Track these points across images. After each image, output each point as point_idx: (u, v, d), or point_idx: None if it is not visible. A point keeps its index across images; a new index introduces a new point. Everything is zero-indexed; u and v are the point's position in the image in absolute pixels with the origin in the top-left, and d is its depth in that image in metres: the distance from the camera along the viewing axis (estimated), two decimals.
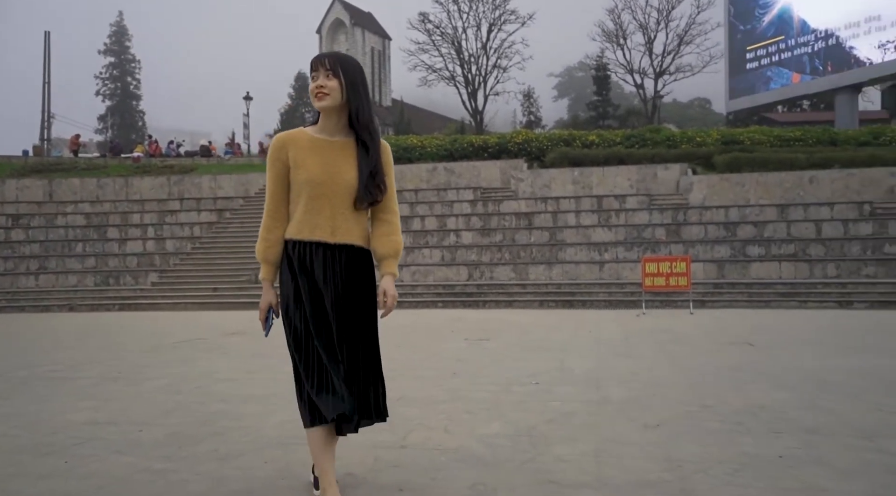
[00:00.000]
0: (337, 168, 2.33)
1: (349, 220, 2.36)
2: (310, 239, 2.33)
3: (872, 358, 6.26)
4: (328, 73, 2.30)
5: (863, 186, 17.86)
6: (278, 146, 2.37)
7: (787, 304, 13.44)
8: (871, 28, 25.80)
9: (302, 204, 2.34)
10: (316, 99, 2.32)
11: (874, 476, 2.78)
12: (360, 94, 2.36)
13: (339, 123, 2.38)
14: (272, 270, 2.42)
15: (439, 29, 44.50)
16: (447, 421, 3.86)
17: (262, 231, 2.41)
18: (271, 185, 2.39)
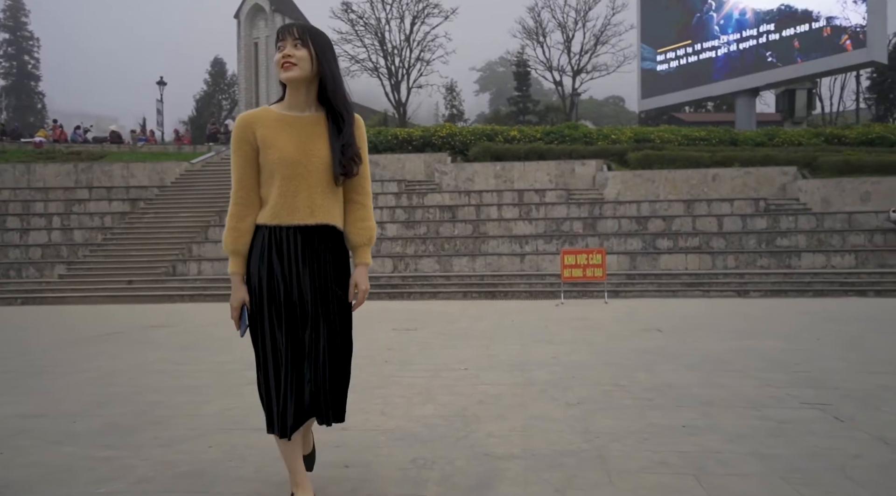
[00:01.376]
0: (311, 145, 2.17)
1: (328, 199, 2.21)
2: (289, 223, 2.16)
3: (762, 340, 6.93)
4: (296, 42, 2.14)
5: (759, 184, 19.30)
6: (243, 126, 2.18)
7: (692, 294, 14.40)
8: (768, 37, 27.71)
9: (276, 186, 2.15)
10: (283, 69, 2.14)
11: (758, 438, 3.20)
12: (332, 65, 2.20)
13: (308, 97, 2.21)
14: (244, 263, 2.20)
15: (362, 19, 44.18)
16: (383, 405, 4.06)
17: (230, 220, 2.20)
18: (238, 169, 2.19)
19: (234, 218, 2.20)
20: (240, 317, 2.20)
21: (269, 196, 2.19)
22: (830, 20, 25.57)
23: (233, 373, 5.28)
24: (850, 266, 15.62)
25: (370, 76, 44.75)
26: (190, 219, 19.23)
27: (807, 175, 19.72)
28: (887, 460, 2.85)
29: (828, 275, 15.03)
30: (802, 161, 20.30)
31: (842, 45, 25.17)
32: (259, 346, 2.22)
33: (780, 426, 3.43)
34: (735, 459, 2.88)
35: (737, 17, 28.94)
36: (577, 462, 2.88)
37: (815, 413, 3.71)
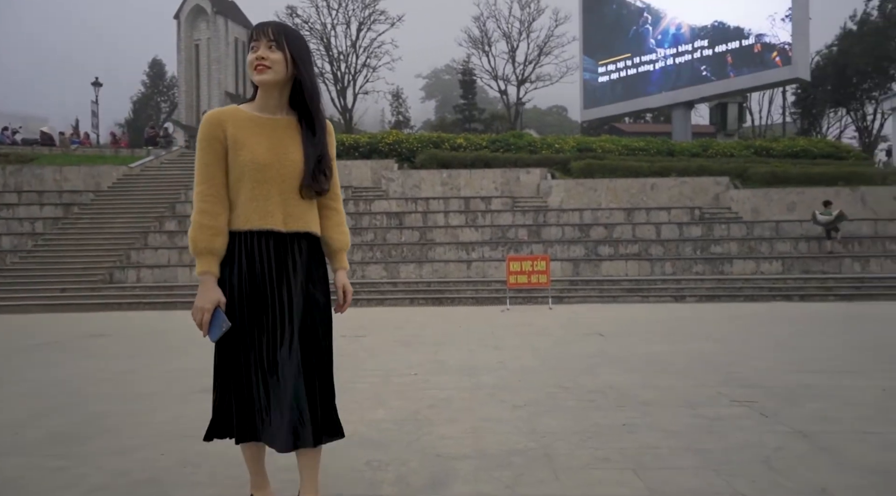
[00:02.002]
0: (283, 148, 2.09)
1: (301, 206, 2.12)
2: (260, 227, 2.05)
3: (698, 343, 7.29)
4: (271, 44, 2.06)
5: (694, 193, 20.12)
6: (213, 123, 2.07)
7: (632, 299, 14.90)
8: (703, 52, 28.95)
9: (246, 190, 2.05)
10: (255, 72, 2.07)
11: (692, 434, 3.43)
12: (308, 69, 2.12)
13: (280, 100, 2.14)
14: (217, 263, 2.06)
15: (308, 24, 43.81)
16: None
17: (200, 218, 2.04)
18: (208, 167, 2.06)
19: (205, 215, 2.04)
20: (211, 321, 2.03)
21: (237, 200, 2.08)
22: (760, 37, 26.92)
23: (181, 381, 5.22)
24: (778, 272, 16.48)
25: None
26: (128, 224, 18.66)
27: (738, 185, 20.69)
28: (805, 451, 3.11)
29: (757, 280, 15.81)
30: (734, 172, 21.28)
31: (772, 60, 26.52)
32: (223, 355, 2.11)
33: (712, 423, 3.68)
34: (671, 454, 3.09)
35: (673, 33, 30.12)
36: (524, 460, 3.03)
37: (743, 410, 3.98)
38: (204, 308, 2.02)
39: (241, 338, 2.07)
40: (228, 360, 2.09)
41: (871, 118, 39.96)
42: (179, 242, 17.70)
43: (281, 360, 2.04)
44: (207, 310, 2.02)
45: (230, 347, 2.08)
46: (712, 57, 28.51)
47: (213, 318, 2.03)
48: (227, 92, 53.95)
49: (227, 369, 2.09)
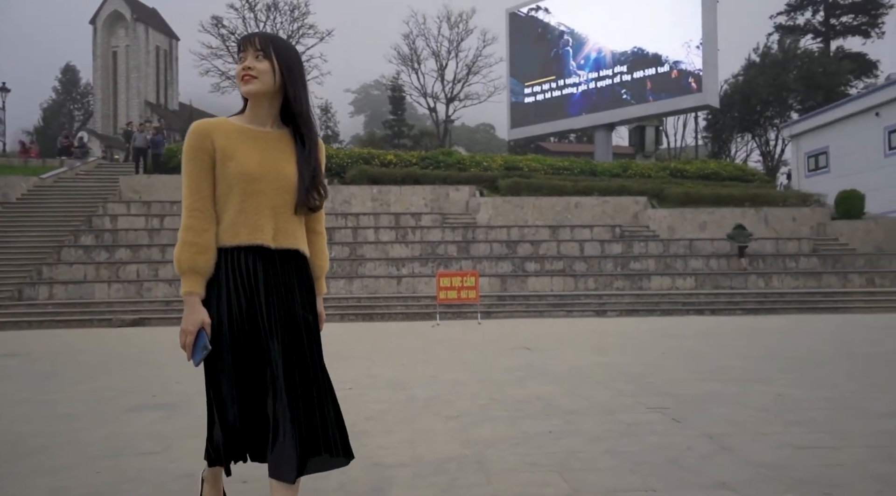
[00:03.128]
0: (274, 162, 2.01)
1: (292, 222, 2.05)
2: (249, 243, 1.97)
3: (617, 355, 7.72)
4: (258, 54, 2.00)
5: (615, 212, 21.06)
6: (201, 134, 1.98)
7: (557, 314, 15.42)
8: (622, 77, 30.39)
9: (235, 203, 1.97)
10: (242, 82, 2.01)
11: (612, 439, 3.71)
12: (297, 81, 2.05)
13: (269, 113, 2.06)
14: (202, 282, 1.96)
15: (234, 35, 43.06)
16: None
17: (187, 235, 1.94)
18: (195, 180, 1.97)
19: (190, 231, 1.94)
20: (195, 344, 1.93)
21: (225, 214, 1.98)
22: (677, 64, 28.53)
23: (108, 400, 5.12)
24: (691, 287, 17.46)
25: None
26: (40, 238, 17.76)
27: (655, 205, 21.80)
28: (710, 451, 3.44)
29: (673, 295, 16.70)
30: (652, 192, 22.42)
31: (688, 86, 28.13)
32: (214, 378, 2.01)
33: (629, 428, 3.98)
34: (593, 457, 3.35)
35: (595, 58, 31.49)
36: (458, 467, 3.21)
37: (657, 416, 4.31)
38: (188, 330, 1.92)
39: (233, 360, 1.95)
40: (219, 385, 1.99)
41: (774, 143, 42.96)
42: (97, 257, 17.00)
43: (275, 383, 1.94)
44: (191, 333, 1.92)
45: (220, 372, 1.97)
46: (632, 82, 29.99)
47: (197, 341, 1.92)
48: (147, 101, 52.19)
49: (219, 394, 2.00)
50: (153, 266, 16.74)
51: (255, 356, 1.96)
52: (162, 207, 19.52)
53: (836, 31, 44.58)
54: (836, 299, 16.44)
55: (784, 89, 39.55)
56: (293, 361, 1.99)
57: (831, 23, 44.53)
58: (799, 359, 7.17)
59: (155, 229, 18.41)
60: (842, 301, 16.34)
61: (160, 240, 17.94)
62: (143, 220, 18.88)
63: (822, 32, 44.83)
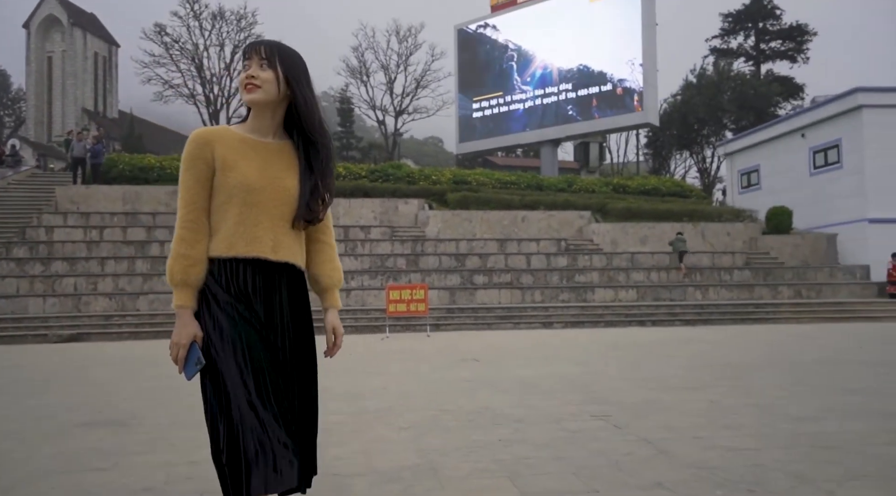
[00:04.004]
0: (275, 173, 1.95)
1: (290, 236, 1.98)
2: (246, 255, 1.90)
3: (562, 366, 7.98)
4: (262, 62, 1.95)
5: (560, 226, 21.59)
6: (200, 142, 1.92)
7: (505, 326, 15.69)
8: (567, 94, 31.24)
9: (233, 214, 1.91)
10: (245, 91, 1.96)
11: (558, 446, 3.91)
12: (306, 90, 2.01)
13: (272, 123, 2.01)
14: (194, 295, 1.90)
15: (178, 43, 42.26)
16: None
17: (179, 247, 1.89)
18: (190, 190, 1.92)
19: (183, 244, 1.89)
20: (187, 357, 1.88)
21: (222, 224, 1.92)
22: (621, 82, 29.49)
23: (51, 417, 5.02)
24: (633, 299, 18.05)
25: (186, 102, 42.75)
26: None
27: (599, 219, 22.45)
28: (648, 454, 3.68)
29: (616, 307, 17.23)
30: (596, 206, 23.09)
31: (632, 104, 29.13)
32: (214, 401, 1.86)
33: (574, 435, 4.19)
34: (540, 463, 3.53)
35: (542, 74, 32.26)
36: (412, 475, 3.34)
37: (600, 423, 4.54)
38: (179, 343, 1.87)
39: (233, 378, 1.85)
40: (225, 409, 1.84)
41: (710, 161, 44.81)
42: (31, 270, 16.38)
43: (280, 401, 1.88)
44: (183, 346, 1.87)
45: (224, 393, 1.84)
46: (577, 99, 30.84)
47: (189, 355, 1.87)
48: (85, 109, 50.48)
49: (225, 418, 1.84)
50: (92, 279, 16.24)
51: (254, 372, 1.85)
52: (102, 219, 18.96)
53: (766, 55, 47.00)
54: (766, 310, 17.30)
55: (719, 109, 41.37)
56: (290, 379, 1.94)
57: (762, 48, 46.93)
58: (731, 368, 7.59)
59: (94, 241, 17.86)
60: (772, 312, 17.20)
61: (99, 252, 17.42)
62: (82, 231, 18.29)
63: (754, 56, 47.17)
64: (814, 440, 3.95)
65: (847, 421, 4.50)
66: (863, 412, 4.81)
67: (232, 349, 1.85)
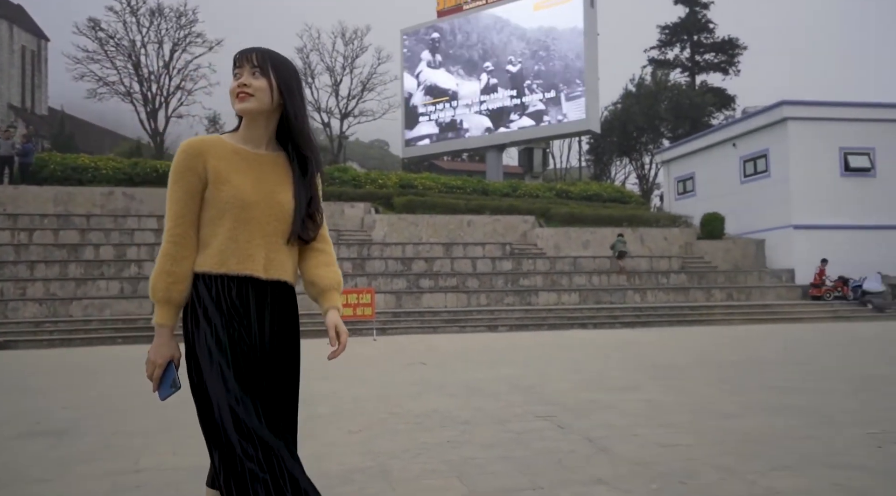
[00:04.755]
0: (270, 187, 1.89)
1: (282, 252, 1.91)
2: (238, 272, 1.83)
3: (508, 369, 8.18)
4: (255, 70, 1.88)
5: (505, 230, 21.94)
6: (193, 153, 1.84)
7: (451, 329, 15.85)
8: (512, 100, 31.77)
9: (225, 229, 1.83)
10: (237, 100, 1.88)
11: (504, 446, 4.06)
12: (297, 100, 1.96)
13: (265, 133, 1.94)
14: (175, 313, 1.85)
15: (113, 39, 40.75)
16: (174, 445, 4.19)
17: (164, 262, 1.82)
18: (179, 203, 1.83)
19: (168, 259, 1.82)
20: (162, 377, 1.83)
21: (213, 239, 1.84)
22: (564, 89, 30.16)
23: None
24: (575, 302, 18.52)
25: (122, 100, 41.29)
26: None
27: (543, 224, 22.92)
28: (590, 452, 3.87)
29: (559, 310, 17.64)
30: (539, 211, 23.55)
31: (576, 111, 29.82)
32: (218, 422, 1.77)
33: (519, 435, 4.35)
34: (487, 462, 3.67)
35: (487, 80, 32.70)
36: (364, 477, 3.42)
37: (544, 423, 4.72)
38: (156, 362, 1.84)
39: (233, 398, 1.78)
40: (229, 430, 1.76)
41: (648, 168, 46.28)
42: None
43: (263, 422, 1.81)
44: (159, 366, 1.84)
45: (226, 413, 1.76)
46: (522, 105, 31.40)
47: (165, 375, 1.83)
48: (10, 104, 48.09)
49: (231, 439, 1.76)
50: (20, 284, 15.55)
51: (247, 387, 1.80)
52: (31, 221, 18.17)
53: (701, 67, 48.89)
54: (701, 312, 18.05)
55: (656, 118, 42.79)
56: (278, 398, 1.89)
57: (696, 59, 48.80)
58: (667, 368, 7.94)
59: (23, 244, 17.09)
60: (706, 314, 17.96)
61: (28, 256, 16.69)
62: (9, 234, 17.47)
63: (689, 67, 49.00)
64: (740, 435, 4.22)
65: (770, 417, 4.82)
66: (784, 408, 5.15)
67: (220, 371, 1.78)
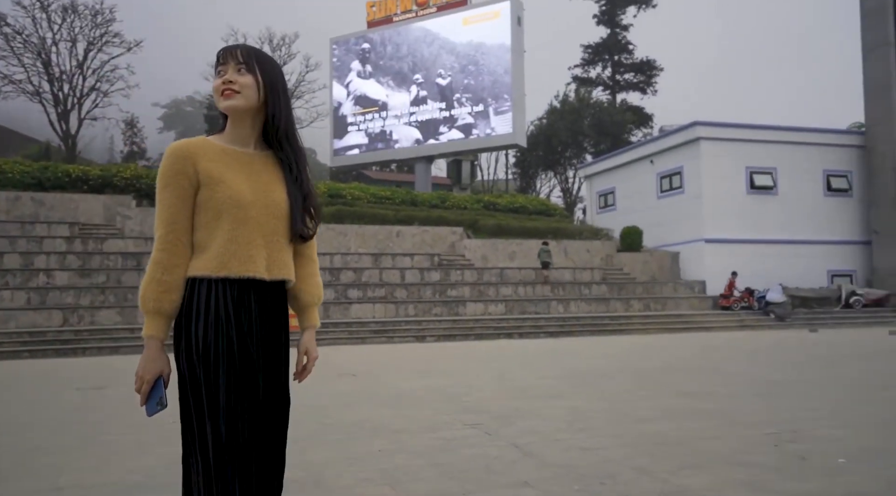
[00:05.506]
0: (264, 186, 1.83)
1: (284, 251, 1.86)
2: (240, 275, 1.74)
3: (437, 378, 8.32)
4: (240, 67, 1.83)
5: (434, 241, 22.16)
6: (181, 155, 1.77)
7: (379, 340, 15.87)
8: (441, 112, 32.17)
9: (224, 231, 1.76)
10: (223, 97, 1.82)
11: (434, 453, 4.19)
12: (280, 98, 1.89)
13: (252, 132, 1.88)
14: (167, 325, 1.75)
15: (21, 35, 38.55)
16: (96, 461, 4.08)
17: (155, 271, 1.72)
18: (170, 208, 1.75)
19: (159, 267, 1.73)
20: (150, 393, 1.73)
21: (211, 242, 1.76)
22: (493, 103, 30.81)
23: None
24: (502, 313, 18.91)
25: (30, 100, 39.08)
26: None
27: (471, 235, 23.28)
28: (516, 457, 4.05)
29: (486, 320, 17.97)
30: (467, 223, 23.92)
31: (503, 125, 30.49)
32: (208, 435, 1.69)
33: (448, 443, 4.48)
34: (418, 469, 3.78)
35: (417, 92, 32.99)
36: (298, 487, 3.46)
37: (473, 431, 4.88)
38: (144, 378, 1.72)
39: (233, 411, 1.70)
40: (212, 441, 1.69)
41: (572, 182, 47.80)
42: None
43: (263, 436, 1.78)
44: (148, 382, 1.72)
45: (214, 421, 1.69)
46: (451, 117, 31.84)
47: (153, 391, 1.72)
48: None
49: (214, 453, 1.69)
50: None
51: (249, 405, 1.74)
52: None
53: (621, 85, 51.06)
54: (620, 322, 18.81)
55: (580, 134, 44.33)
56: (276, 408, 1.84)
57: (617, 78, 50.94)
58: (589, 376, 8.30)
59: None
60: (625, 324, 18.73)
61: None
62: None
63: (610, 86, 51.08)
64: (654, 438, 4.52)
65: (682, 420, 5.16)
66: (694, 412, 5.52)
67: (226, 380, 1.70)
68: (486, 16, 30.81)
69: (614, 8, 48.98)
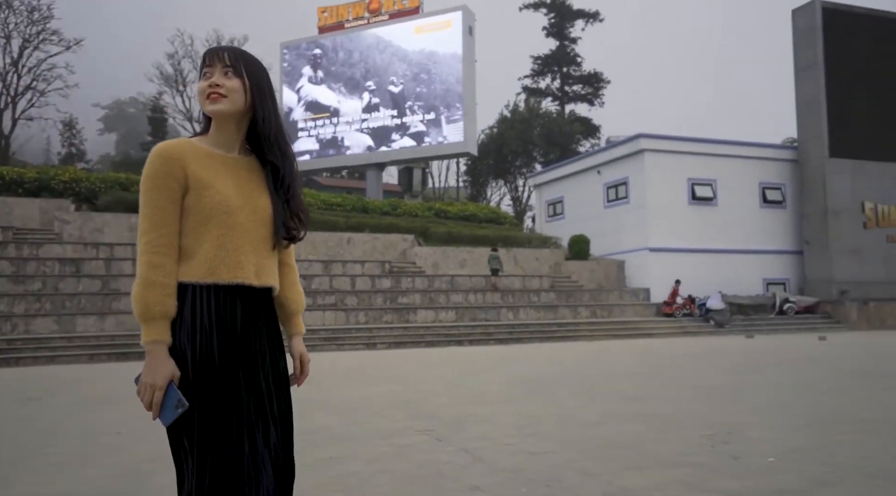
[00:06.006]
0: (250, 191, 1.81)
1: (271, 258, 1.85)
2: (229, 281, 1.73)
3: (388, 386, 8.36)
4: (227, 70, 1.79)
5: (385, 248, 22.16)
6: (169, 157, 1.72)
7: (329, 348, 15.77)
8: (393, 120, 32.21)
9: (212, 237, 1.73)
10: (209, 100, 1.78)
11: (386, 460, 4.25)
12: (267, 101, 1.86)
13: (237, 136, 1.85)
14: (169, 328, 1.69)
15: None
16: (34, 475, 3.97)
17: (156, 274, 1.67)
18: (159, 212, 1.71)
19: (160, 271, 1.67)
20: (165, 400, 1.63)
21: (198, 248, 1.73)
22: (444, 112, 31.02)
23: None
24: (452, 320, 19.04)
25: None
26: None
27: (422, 242, 23.38)
28: (466, 462, 4.14)
29: (437, 327, 18.06)
30: (418, 230, 24.01)
31: (454, 133, 30.73)
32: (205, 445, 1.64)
33: (401, 449, 4.55)
34: (371, 476, 3.83)
35: (369, 99, 32.96)
36: None
37: (424, 437, 4.96)
38: (156, 385, 1.62)
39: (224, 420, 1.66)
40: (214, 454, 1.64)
41: (522, 190, 48.51)
42: None
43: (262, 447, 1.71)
44: (160, 388, 1.62)
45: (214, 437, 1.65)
46: (402, 125, 31.92)
47: (166, 397, 1.63)
48: None
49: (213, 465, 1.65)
50: None
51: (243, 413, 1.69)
52: None
53: (570, 97, 52.22)
54: (568, 329, 19.20)
55: (529, 143, 45.06)
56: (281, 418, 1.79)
57: (566, 90, 52.06)
58: (537, 382, 8.48)
59: None
60: (573, 330, 19.13)
61: None
62: None
63: (559, 97, 52.15)
64: (600, 441, 4.69)
65: (625, 424, 5.36)
66: (637, 416, 5.74)
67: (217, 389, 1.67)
68: (438, 25, 31.07)
69: (563, 21, 50.13)
